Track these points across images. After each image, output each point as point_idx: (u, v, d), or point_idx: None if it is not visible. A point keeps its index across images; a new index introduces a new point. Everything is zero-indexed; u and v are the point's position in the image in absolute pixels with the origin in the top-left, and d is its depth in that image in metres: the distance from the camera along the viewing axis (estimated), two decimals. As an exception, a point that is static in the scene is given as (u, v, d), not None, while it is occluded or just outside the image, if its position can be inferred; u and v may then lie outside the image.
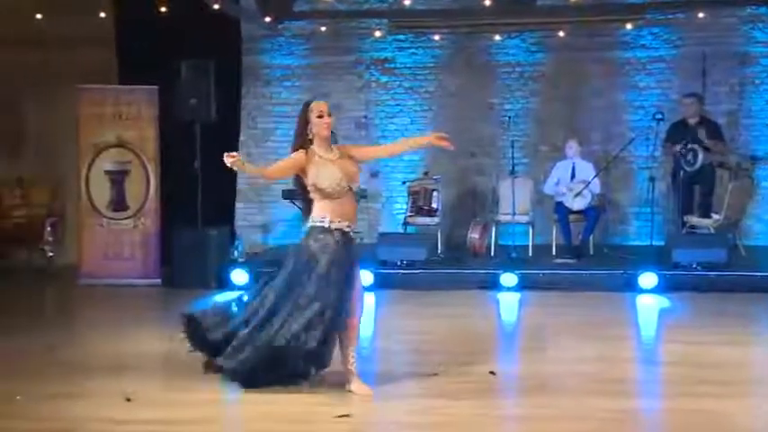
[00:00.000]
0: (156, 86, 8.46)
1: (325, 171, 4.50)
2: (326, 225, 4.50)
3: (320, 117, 4.55)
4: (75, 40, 9.03)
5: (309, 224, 4.58)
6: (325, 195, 4.51)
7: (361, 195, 8.62)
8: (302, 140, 4.57)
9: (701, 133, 8.62)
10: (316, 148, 4.55)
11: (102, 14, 8.97)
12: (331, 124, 4.58)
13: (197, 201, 8.26)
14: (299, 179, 4.61)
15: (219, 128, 8.56)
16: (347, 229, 4.55)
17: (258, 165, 10.55)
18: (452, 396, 4.49)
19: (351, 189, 4.58)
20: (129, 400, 4.47)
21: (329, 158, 4.54)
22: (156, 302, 7.83)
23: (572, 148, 8.98)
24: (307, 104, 4.65)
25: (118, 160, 8.49)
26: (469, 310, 6.98)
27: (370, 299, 5.79)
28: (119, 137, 8.47)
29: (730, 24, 9.73)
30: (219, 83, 8.39)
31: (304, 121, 4.58)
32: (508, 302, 7.47)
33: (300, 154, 4.55)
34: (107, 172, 8.50)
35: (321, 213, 4.53)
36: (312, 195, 4.56)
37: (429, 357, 5.30)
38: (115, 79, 9.24)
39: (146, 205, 8.49)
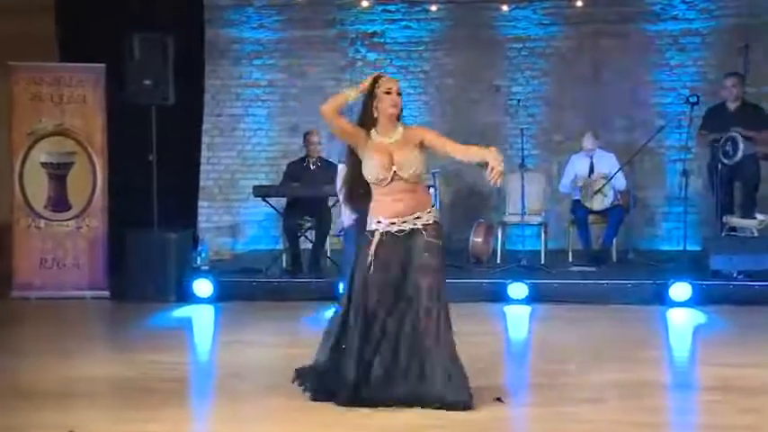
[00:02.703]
0: (103, 64, 8.41)
1: (372, 156, 4.67)
2: (369, 228, 4.74)
3: (388, 93, 4.72)
4: (6, 10, 8.96)
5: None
6: (374, 186, 4.71)
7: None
8: (365, 117, 4.75)
9: (743, 120, 8.65)
10: (378, 129, 4.74)
11: (40, -20, 8.93)
12: (399, 104, 4.74)
13: (152, 199, 8.23)
14: (354, 168, 4.78)
15: (178, 113, 8.53)
16: (396, 229, 4.69)
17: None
18: (456, 428, 4.48)
19: (402, 178, 4.68)
20: (72, 433, 4.43)
21: (383, 142, 4.72)
22: (105, 318, 7.80)
23: (589, 140, 8.99)
24: (377, 77, 4.80)
25: (58, 151, 8.43)
26: (472, 327, 6.94)
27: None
28: (59, 124, 8.41)
29: (777, -9, 9.79)
30: (179, 60, 8.35)
31: (370, 96, 4.74)
32: (517, 317, 7.46)
33: (360, 130, 4.74)
34: (45, 165, 8.44)
35: (370, 211, 4.76)
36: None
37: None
38: (55, 55, 9.19)
39: (92, 204, 8.43)
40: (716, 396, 5.06)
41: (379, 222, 4.72)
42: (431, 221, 4.72)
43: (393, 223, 4.70)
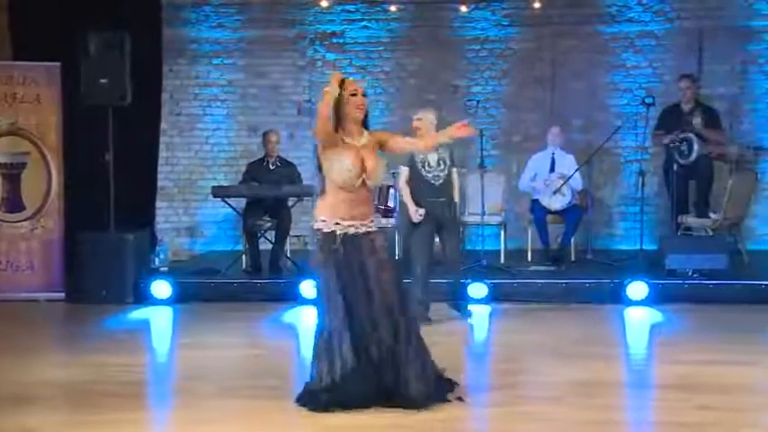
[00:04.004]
0: (58, 63, 8.29)
1: (340, 158, 4.69)
2: (325, 228, 4.73)
3: (354, 95, 4.76)
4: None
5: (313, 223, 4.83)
6: (336, 188, 4.73)
7: (306, 193, 8.58)
8: (336, 120, 4.74)
9: (697, 121, 8.75)
10: (344, 131, 4.77)
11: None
12: (365, 106, 4.79)
13: (109, 199, 8.13)
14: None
15: (135, 113, 8.43)
16: (354, 231, 4.72)
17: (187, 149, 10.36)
18: (418, 427, 4.47)
19: (365, 183, 4.74)
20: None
21: (354, 144, 4.75)
22: (61, 320, 7.70)
23: (555, 134, 9.02)
24: (342, 81, 4.79)
25: (11, 151, 8.30)
26: (432, 326, 6.97)
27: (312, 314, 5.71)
28: (13, 123, 8.29)
29: (732, -6, 9.91)
30: (136, 59, 8.26)
31: (337, 99, 4.74)
32: (477, 316, 7.47)
33: (335, 133, 4.74)
34: (-2, 165, 8.32)
35: (324, 211, 4.75)
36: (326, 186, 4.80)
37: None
38: (9, 53, 9.04)
39: (47, 205, 8.32)
40: (672, 393, 5.10)
41: (337, 224, 4.72)
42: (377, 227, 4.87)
43: (352, 225, 4.73)
